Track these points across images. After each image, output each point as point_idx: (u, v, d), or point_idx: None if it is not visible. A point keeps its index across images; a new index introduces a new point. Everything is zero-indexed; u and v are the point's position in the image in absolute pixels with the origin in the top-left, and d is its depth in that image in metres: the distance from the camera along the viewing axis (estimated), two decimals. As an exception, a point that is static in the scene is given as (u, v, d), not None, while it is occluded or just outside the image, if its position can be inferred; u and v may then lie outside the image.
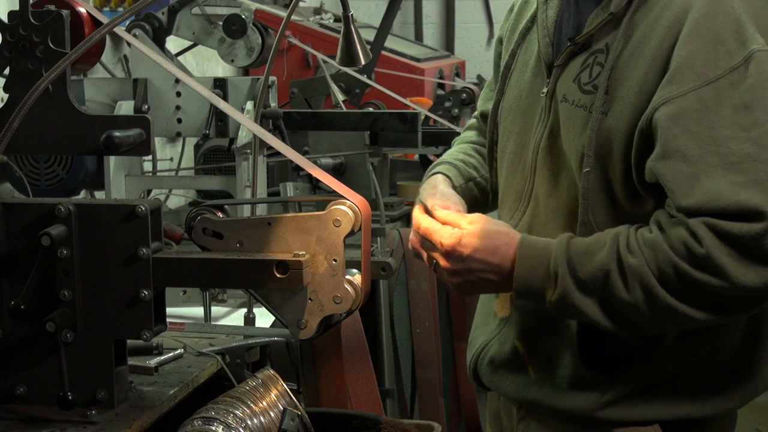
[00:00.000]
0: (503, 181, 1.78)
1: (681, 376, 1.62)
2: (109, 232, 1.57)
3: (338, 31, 2.01)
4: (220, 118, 2.40)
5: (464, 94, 3.74)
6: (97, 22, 2.16)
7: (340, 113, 3.30)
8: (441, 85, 4.55)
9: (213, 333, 2.11)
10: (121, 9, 3.25)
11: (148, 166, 2.88)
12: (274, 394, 1.59)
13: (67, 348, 1.57)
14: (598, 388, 1.63)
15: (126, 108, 2.37)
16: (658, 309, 1.48)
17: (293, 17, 2.86)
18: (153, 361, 1.85)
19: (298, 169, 2.98)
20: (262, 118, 2.37)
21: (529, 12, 1.76)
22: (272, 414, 1.56)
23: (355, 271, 1.55)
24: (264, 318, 2.18)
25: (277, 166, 3.16)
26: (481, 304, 1.88)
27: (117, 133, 1.61)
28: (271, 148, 1.94)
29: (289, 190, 2.86)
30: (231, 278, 1.56)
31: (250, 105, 2.39)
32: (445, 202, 1.73)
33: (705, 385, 1.63)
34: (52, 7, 1.64)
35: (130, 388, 1.69)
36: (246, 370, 2.00)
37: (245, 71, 3.68)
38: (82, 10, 2.18)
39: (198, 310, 2.26)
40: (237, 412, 1.52)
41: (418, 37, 6.14)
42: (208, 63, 3.95)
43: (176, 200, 3.38)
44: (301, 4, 4.83)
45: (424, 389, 3.11)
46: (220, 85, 2.42)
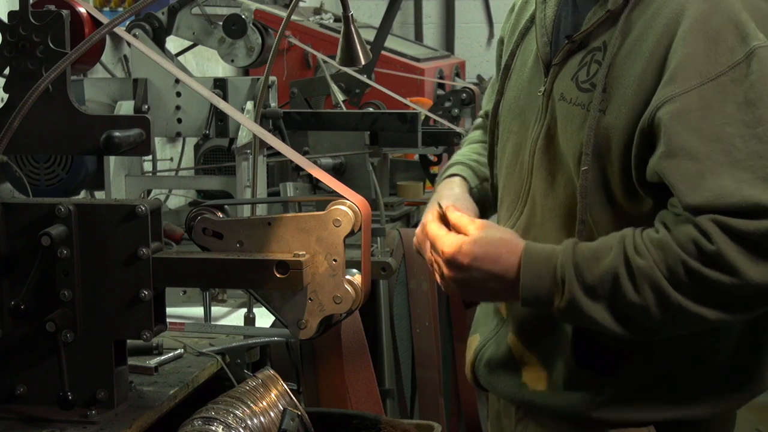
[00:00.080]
0: (502, 182, 1.78)
1: (678, 376, 1.61)
2: (109, 232, 1.57)
3: (338, 31, 2.01)
4: (220, 118, 2.40)
5: (464, 94, 3.74)
6: (97, 22, 2.16)
7: (340, 113, 3.30)
8: (441, 85, 4.55)
9: (213, 333, 2.11)
10: (121, 9, 3.25)
11: (148, 166, 2.88)
12: (274, 394, 1.59)
13: (67, 348, 1.57)
14: (593, 388, 1.62)
15: (126, 108, 2.37)
16: (669, 310, 1.46)
17: (293, 17, 2.86)
18: (153, 361, 1.85)
19: (298, 169, 2.98)
20: (262, 118, 2.37)
21: (529, 12, 1.76)
22: (272, 414, 1.56)
23: (355, 271, 1.55)
24: (264, 318, 2.18)
25: (277, 166, 3.16)
26: (481, 305, 1.88)
27: (117, 133, 1.61)
28: (271, 148, 1.94)
29: (289, 190, 2.86)
30: (231, 278, 1.56)
31: (250, 105, 2.39)
32: (458, 206, 1.73)
33: (702, 385, 1.62)
34: (52, 7, 1.64)
35: (130, 388, 1.69)
36: (246, 370, 2.00)
37: (245, 71, 3.68)
38: (82, 10, 2.18)
39: (198, 310, 2.26)
40: (237, 412, 1.52)
41: (418, 37, 6.14)
42: (208, 63, 3.95)
43: (176, 200, 3.38)
44: (301, 4, 4.82)
45: (424, 389, 3.10)
46: (220, 85, 2.42)
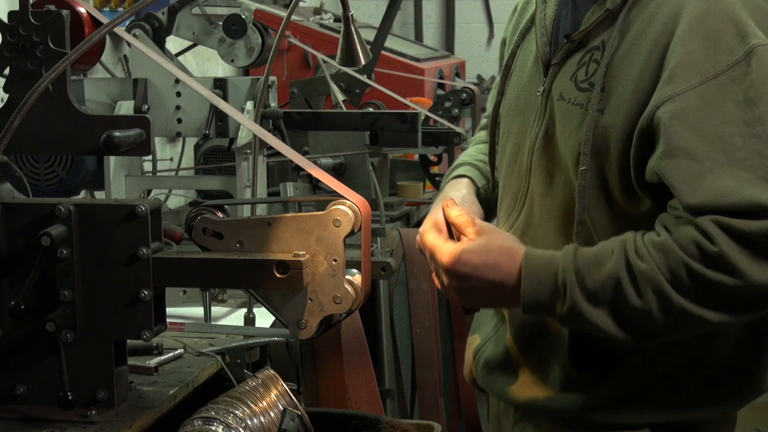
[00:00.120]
0: (502, 182, 1.78)
1: (676, 378, 1.60)
2: (109, 232, 1.57)
3: (338, 31, 2.01)
4: (220, 118, 2.40)
5: (464, 94, 3.74)
6: (97, 22, 2.16)
7: (340, 113, 3.30)
8: (441, 85, 4.55)
9: (213, 333, 2.11)
10: (121, 9, 3.25)
11: (148, 166, 2.88)
12: (274, 394, 1.58)
13: (67, 348, 1.57)
14: (590, 390, 1.61)
15: (126, 108, 2.37)
16: (672, 313, 1.44)
17: (293, 17, 2.86)
18: (153, 361, 1.85)
19: (298, 169, 2.98)
20: (262, 118, 2.37)
21: (530, 12, 1.76)
22: (272, 414, 1.56)
23: (355, 271, 1.55)
24: (264, 318, 2.18)
25: (277, 166, 3.16)
26: None
27: (117, 133, 1.61)
28: (271, 148, 1.94)
29: (289, 190, 2.86)
30: (231, 278, 1.56)
31: (250, 105, 2.39)
32: (463, 208, 1.73)
33: (701, 387, 1.61)
34: (52, 7, 1.64)
35: (130, 388, 1.69)
36: (246, 370, 2.00)
37: (245, 71, 3.68)
38: (82, 10, 2.18)
39: (198, 310, 2.26)
40: (237, 412, 1.52)
41: (418, 37, 6.14)
42: (208, 63, 3.95)
43: (176, 200, 3.38)
44: (301, 4, 4.82)
45: (424, 389, 3.10)
46: (220, 85, 2.41)
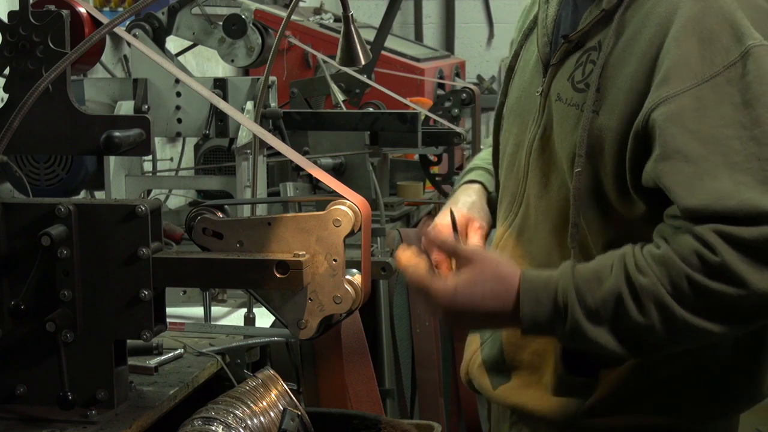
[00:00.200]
0: (502, 183, 1.77)
1: (671, 383, 1.58)
2: (109, 232, 1.57)
3: (338, 31, 2.01)
4: (220, 118, 2.40)
5: (464, 94, 3.73)
6: (97, 22, 2.16)
7: (340, 113, 3.30)
8: (441, 85, 4.55)
9: (213, 333, 2.11)
10: (121, 9, 3.25)
11: (148, 166, 2.88)
12: (274, 394, 1.59)
13: (67, 348, 1.57)
14: (581, 395, 1.60)
15: (126, 108, 2.37)
16: (674, 326, 1.41)
17: (293, 17, 2.86)
18: (153, 361, 1.85)
19: (298, 169, 2.98)
20: (262, 118, 2.37)
21: (534, 12, 1.75)
22: (272, 414, 1.56)
23: (355, 271, 1.55)
24: (264, 318, 2.18)
25: (277, 166, 3.16)
26: None
27: (117, 133, 1.61)
28: (271, 148, 1.94)
29: (289, 190, 2.86)
30: (231, 278, 1.56)
31: (250, 105, 2.39)
32: (471, 215, 1.76)
33: (698, 392, 1.59)
34: (52, 7, 1.64)
35: (130, 388, 1.69)
36: (246, 370, 2.00)
37: (245, 71, 3.68)
38: (82, 10, 2.18)
39: (198, 310, 2.25)
40: (237, 412, 1.52)
41: (418, 37, 6.14)
42: (208, 63, 3.95)
43: (176, 200, 3.38)
44: (301, 4, 4.82)
45: (424, 389, 3.11)
46: (220, 85, 2.41)
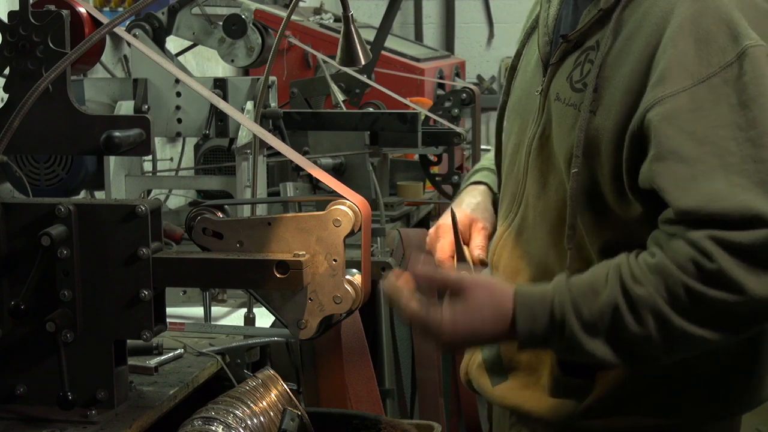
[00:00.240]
0: (503, 183, 1.76)
1: (668, 384, 1.56)
2: (109, 232, 1.57)
3: (338, 31, 2.01)
4: (220, 118, 2.40)
5: (464, 94, 3.73)
6: (97, 22, 2.16)
7: (340, 113, 3.30)
8: (441, 85, 4.55)
9: (213, 333, 2.11)
10: (121, 9, 3.25)
11: (148, 166, 2.88)
12: (274, 394, 1.59)
13: (67, 348, 1.57)
14: (578, 396, 1.59)
15: (126, 108, 2.37)
16: (672, 336, 1.40)
17: (293, 17, 2.86)
18: (153, 361, 1.85)
19: (298, 169, 2.98)
20: (262, 118, 2.36)
21: (536, 12, 1.75)
22: (272, 414, 1.56)
23: (355, 271, 1.55)
24: (264, 318, 2.18)
25: (277, 166, 3.16)
26: None
27: (117, 133, 1.61)
28: (271, 148, 1.94)
29: (289, 190, 2.86)
30: (231, 278, 1.56)
31: (250, 105, 2.39)
32: (474, 216, 1.77)
33: (694, 393, 1.57)
34: (52, 7, 1.65)
35: (130, 388, 1.69)
36: (246, 370, 2.00)
37: (245, 71, 3.68)
38: (82, 10, 2.18)
39: (198, 310, 2.26)
40: (237, 412, 1.52)
41: (418, 37, 6.14)
42: (208, 63, 3.95)
43: (176, 200, 3.38)
44: (301, 4, 4.82)
45: (424, 389, 3.10)
46: (220, 85, 2.41)
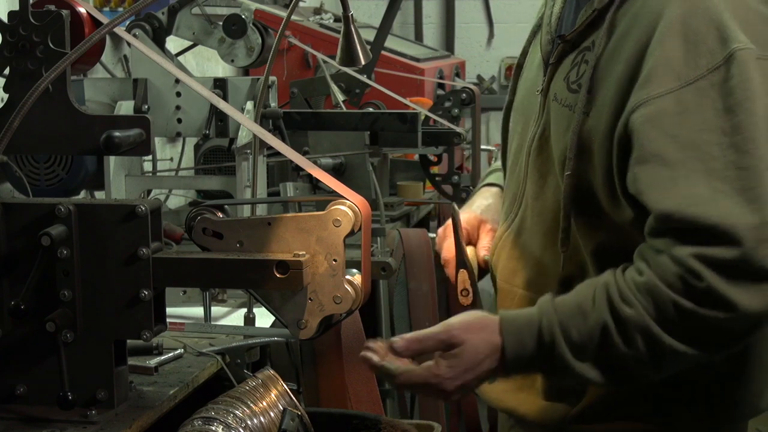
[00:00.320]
0: (506, 182, 1.76)
1: (661, 389, 1.54)
2: (109, 232, 1.57)
3: (338, 31, 2.01)
4: (220, 118, 2.40)
5: (464, 94, 3.73)
6: (97, 22, 2.16)
7: (340, 113, 3.30)
8: (441, 85, 4.54)
9: (213, 333, 2.11)
10: (121, 9, 3.25)
11: (148, 166, 2.88)
12: (274, 394, 1.58)
13: (67, 348, 1.57)
14: (570, 400, 1.59)
15: (126, 108, 2.37)
16: (661, 355, 1.40)
17: (293, 17, 2.86)
18: (153, 361, 1.85)
19: (298, 169, 2.98)
20: (262, 118, 2.36)
21: (542, 11, 1.75)
22: (272, 414, 1.56)
23: (355, 271, 1.55)
24: (264, 318, 2.18)
25: (277, 166, 3.16)
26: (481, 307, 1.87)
27: (117, 133, 1.61)
28: (271, 148, 1.94)
29: (289, 190, 2.86)
30: (231, 278, 1.56)
31: (250, 105, 2.39)
32: (484, 217, 1.78)
33: (689, 398, 1.57)
34: (52, 7, 1.64)
35: (130, 388, 1.69)
36: (246, 370, 2.00)
37: (245, 71, 3.68)
38: (82, 10, 2.18)
39: (198, 310, 2.25)
40: (237, 412, 1.52)
41: (418, 37, 6.13)
42: (208, 63, 3.95)
43: (176, 200, 3.38)
44: (301, 4, 4.82)
45: (424, 389, 3.10)
46: (220, 85, 2.41)
